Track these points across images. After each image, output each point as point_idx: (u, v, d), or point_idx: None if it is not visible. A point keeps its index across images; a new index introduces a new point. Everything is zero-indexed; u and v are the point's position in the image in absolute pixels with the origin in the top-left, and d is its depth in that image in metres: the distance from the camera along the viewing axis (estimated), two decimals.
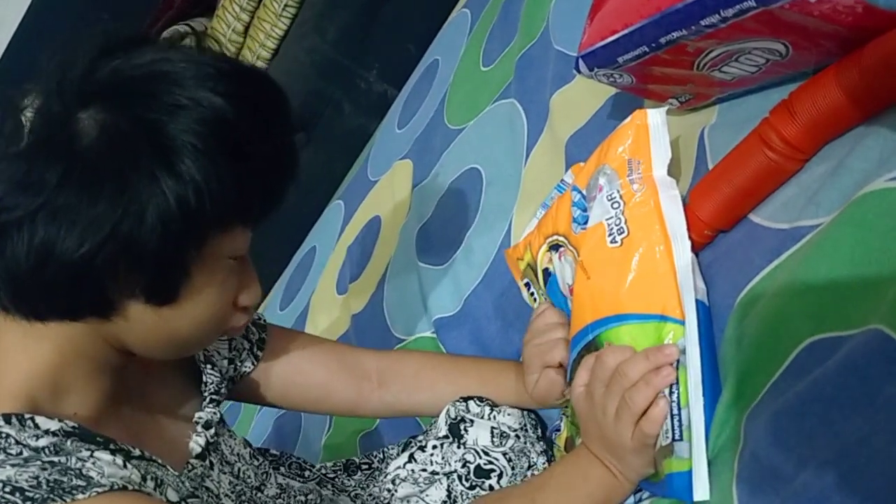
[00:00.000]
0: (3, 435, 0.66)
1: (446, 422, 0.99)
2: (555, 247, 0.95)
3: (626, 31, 0.83)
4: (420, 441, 1.03)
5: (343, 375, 1.02)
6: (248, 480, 0.89)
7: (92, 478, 0.66)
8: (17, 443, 0.66)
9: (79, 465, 0.67)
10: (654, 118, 0.87)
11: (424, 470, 0.99)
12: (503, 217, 1.26)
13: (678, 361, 0.75)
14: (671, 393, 0.74)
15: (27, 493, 0.63)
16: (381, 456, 1.08)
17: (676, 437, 0.72)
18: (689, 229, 0.81)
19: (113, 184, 0.65)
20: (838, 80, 0.70)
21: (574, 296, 0.88)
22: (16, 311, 0.70)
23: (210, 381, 0.90)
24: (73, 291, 0.68)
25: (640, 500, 0.80)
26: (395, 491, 0.99)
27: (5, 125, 0.68)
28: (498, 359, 1.08)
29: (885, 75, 0.67)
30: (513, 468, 0.97)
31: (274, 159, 0.74)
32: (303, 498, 0.99)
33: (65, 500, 0.63)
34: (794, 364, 0.65)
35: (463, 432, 0.98)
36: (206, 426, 0.87)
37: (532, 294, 1.04)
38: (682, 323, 0.76)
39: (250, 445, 0.95)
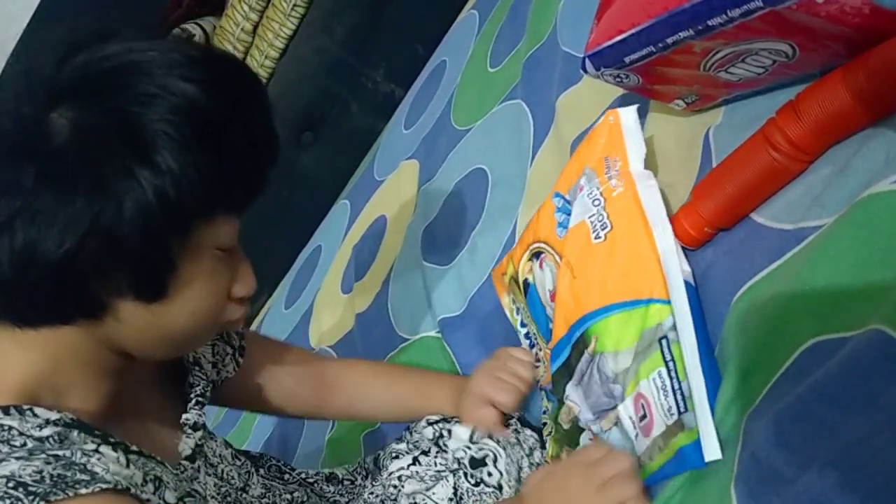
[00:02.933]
0: (6, 427, 0.66)
1: (432, 438, 1.02)
2: (536, 254, 0.96)
3: (633, 31, 0.83)
4: (397, 448, 1.05)
5: (307, 381, 1.05)
6: (233, 481, 0.89)
7: (96, 473, 0.66)
8: (21, 434, 0.66)
9: (84, 459, 0.67)
10: (627, 116, 0.90)
11: (429, 469, 0.99)
12: (508, 217, 1.26)
13: (668, 338, 0.76)
14: (669, 371, 0.75)
15: (30, 488, 0.62)
16: (364, 473, 1.09)
17: (682, 409, 0.74)
18: (687, 224, 0.81)
19: (88, 180, 0.63)
20: (845, 82, 0.70)
21: (557, 300, 0.89)
22: (5, 318, 0.70)
23: (196, 382, 0.89)
24: (58, 294, 0.67)
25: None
26: (402, 487, 0.99)
27: None
28: (438, 372, 1.13)
29: (891, 78, 0.67)
30: (504, 448, 0.97)
31: (251, 144, 0.72)
32: (289, 496, 0.99)
33: (67, 495, 0.63)
34: (795, 365, 0.65)
35: (445, 441, 1.01)
36: (195, 428, 0.86)
37: (517, 308, 1.04)
38: (668, 302, 0.78)
39: (231, 446, 0.95)
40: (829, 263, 0.66)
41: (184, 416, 0.86)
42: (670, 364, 0.76)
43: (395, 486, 1.00)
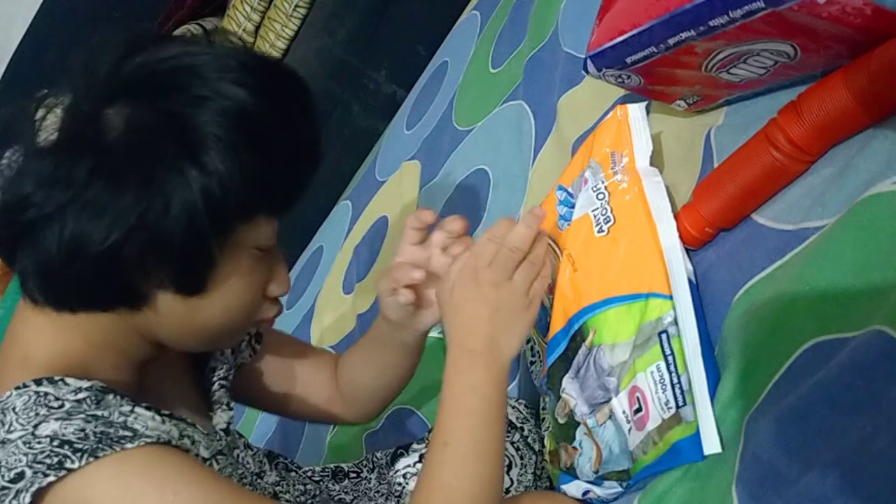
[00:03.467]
0: (41, 393, 0.67)
1: None
2: None
3: (634, 32, 0.83)
4: (415, 448, 1.04)
5: (321, 375, 1.04)
6: (248, 466, 0.90)
7: (137, 430, 0.68)
8: (57, 398, 0.67)
9: (122, 419, 0.68)
10: (635, 112, 0.89)
11: None
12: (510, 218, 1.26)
13: (668, 333, 0.77)
14: (668, 365, 0.75)
15: (76, 445, 0.63)
16: (371, 466, 1.09)
17: (680, 403, 0.74)
18: (688, 224, 0.82)
19: (139, 176, 0.66)
20: (846, 83, 0.70)
21: (556, 293, 0.89)
22: (46, 302, 0.71)
23: (219, 366, 0.91)
24: (102, 283, 0.69)
25: (631, 485, 0.80)
26: (407, 484, 1.00)
27: (33, 124, 0.70)
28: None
29: (893, 79, 0.67)
30: (522, 458, 0.97)
31: (296, 150, 0.74)
32: (301, 487, 0.99)
33: (114, 450, 0.64)
34: (796, 365, 0.65)
35: None
36: (229, 406, 0.88)
37: None
38: (669, 297, 0.78)
39: (243, 436, 0.96)
40: (830, 264, 0.66)
41: (216, 393, 0.89)
42: (669, 358, 0.76)
43: (399, 484, 1.00)
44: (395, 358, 0.97)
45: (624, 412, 0.79)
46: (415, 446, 1.06)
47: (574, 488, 0.86)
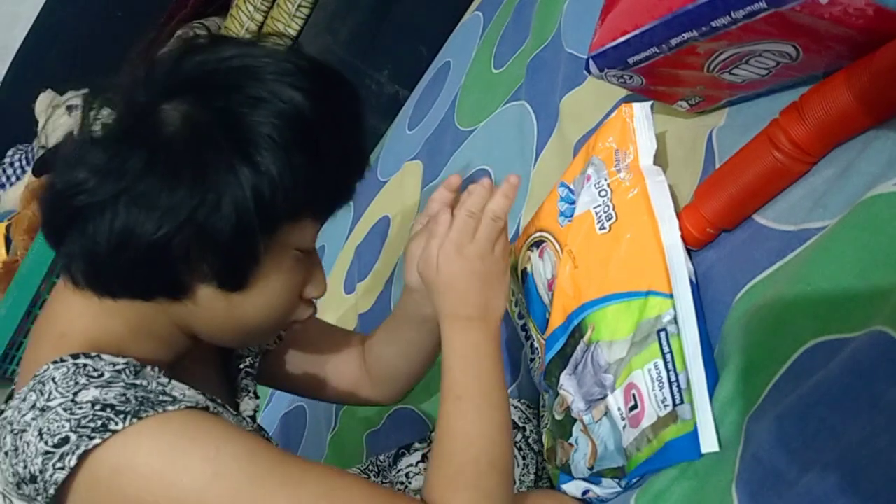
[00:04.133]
0: (80, 364, 0.68)
1: None
2: (536, 244, 0.97)
3: (636, 32, 0.83)
4: (417, 447, 1.05)
5: (348, 355, 1.05)
6: None
7: (176, 396, 0.69)
8: (96, 369, 0.68)
9: (160, 388, 0.70)
10: (639, 111, 0.90)
11: None
12: (512, 218, 1.25)
13: (667, 331, 0.77)
14: (666, 363, 0.76)
15: (118, 408, 0.65)
16: (376, 470, 1.09)
17: (677, 401, 0.74)
18: (689, 224, 0.82)
19: (193, 172, 0.67)
20: (849, 84, 0.70)
21: (556, 289, 0.89)
22: (90, 287, 0.72)
23: (245, 354, 0.93)
24: (148, 273, 0.71)
25: (630, 484, 0.80)
26: (409, 483, 1.00)
27: (90, 113, 0.71)
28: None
29: (895, 80, 0.67)
30: (524, 458, 0.97)
31: (345, 155, 0.75)
32: None
33: (157, 411, 0.65)
34: (796, 365, 0.65)
35: None
36: (256, 395, 0.90)
37: (515, 300, 1.04)
38: (668, 296, 0.79)
39: (264, 429, 0.96)
40: (830, 265, 0.66)
41: (243, 381, 0.90)
42: (668, 356, 0.76)
43: (402, 483, 1.00)
44: (418, 335, 0.98)
45: (619, 409, 0.80)
46: (416, 445, 1.06)
47: (574, 487, 0.86)
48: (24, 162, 2.57)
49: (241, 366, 0.92)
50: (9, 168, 2.59)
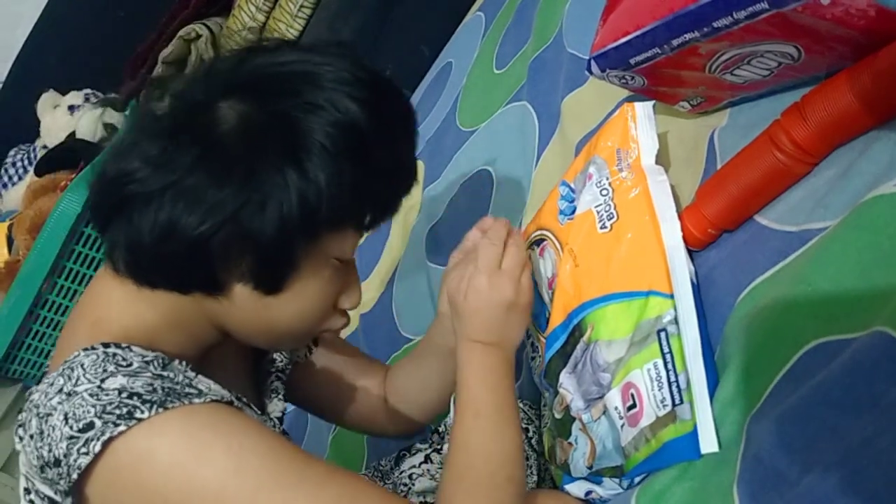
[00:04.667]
0: (110, 353, 0.69)
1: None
2: (537, 242, 0.97)
3: (638, 33, 0.83)
4: (419, 448, 1.05)
5: (370, 382, 1.05)
6: None
7: (202, 389, 0.70)
8: (125, 359, 0.69)
9: (186, 380, 0.70)
10: (642, 110, 0.90)
11: (441, 467, 0.99)
12: (513, 219, 1.26)
13: (667, 331, 0.77)
14: (666, 363, 0.76)
15: (144, 397, 0.65)
16: (380, 475, 1.09)
17: (677, 402, 0.74)
18: (691, 224, 0.82)
19: (242, 171, 0.68)
20: (850, 85, 0.70)
21: (557, 287, 0.89)
22: (130, 276, 0.73)
23: (278, 359, 0.94)
24: (186, 267, 0.71)
25: (632, 484, 0.80)
26: (413, 485, 1.00)
27: (147, 106, 0.72)
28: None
29: None
30: (527, 459, 0.97)
31: (395, 169, 0.76)
32: None
33: (183, 403, 0.66)
34: (798, 366, 0.65)
35: None
36: (285, 399, 0.91)
37: None
38: (669, 296, 0.79)
39: (287, 434, 0.97)
40: (832, 265, 0.66)
41: (273, 384, 0.91)
42: (668, 356, 0.76)
43: (405, 484, 1.00)
44: (441, 366, 0.99)
45: (616, 408, 0.80)
46: (418, 446, 1.06)
47: (576, 488, 0.86)
48: (25, 162, 2.57)
49: (272, 369, 0.93)
50: (10, 168, 2.59)
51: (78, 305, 0.79)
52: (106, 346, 0.70)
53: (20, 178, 2.54)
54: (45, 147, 2.51)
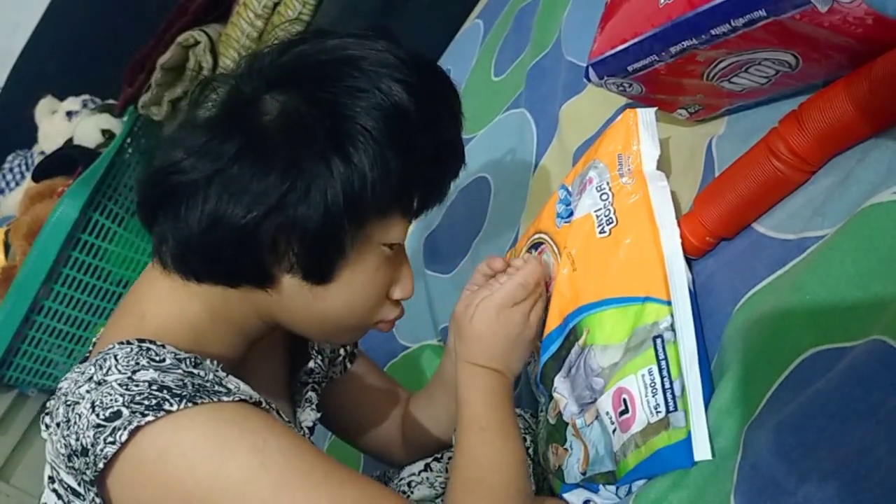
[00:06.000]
0: (144, 347, 0.69)
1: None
2: (535, 245, 0.96)
3: (636, 40, 0.83)
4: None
5: (392, 411, 1.06)
6: None
7: (231, 388, 0.69)
8: (158, 355, 0.69)
9: (217, 379, 0.70)
10: (644, 117, 0.89)
11: (440, 476, 0.99)
12: (511, 225, 1.26)
13: (663, 338, 0.77)
14: (661, 370, 0.75)
15: (174, 391, 0.65)
16: (383, 482, 1.09)
17: (671, 408, 0.74)
18: (689, 232, 0.82)
19: (285, 159, 0.67)
20: (848, 93, 0.70)
21: (554, 291, 0.89)
22: (177, 270, 0.73)
23: (318, 370, 0.93)
24: (234, 258, 0.71)
25: (630, 492, 0.80)
26: (412, 493, 0.99)
27: (194, 101, 0.73)
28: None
29: (894, 89, 0.67)
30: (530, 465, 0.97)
31: (440, 152, 0.75)
32: None
33: (212, 400, 0.66)
34: (795, 374, 0.65)
35: None
36: (318, 408, 0.91)
37: None
38: (666, 303, 0.78)
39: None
40: (830, 273, 0.65)
41: (308, 393, 0.91)
42: (663, 363, 0.76)
43: (403, 492, 1.00)
44: (451, 400, 0.97)
45: (608, 413, 0.80)
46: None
47: (575, 497, 0.86)
48: (23, 167, 2.57)
49: (309, 380, 0.92)
50: (8, 173, 2.58)
51: (124, 301, 0.79)
52: (141, 341, 0.70)
53: (17, 184, 2.54)
54: (42, 153, 2.51)
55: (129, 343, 0.69)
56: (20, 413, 2.04)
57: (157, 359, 0.68)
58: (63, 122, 2.46)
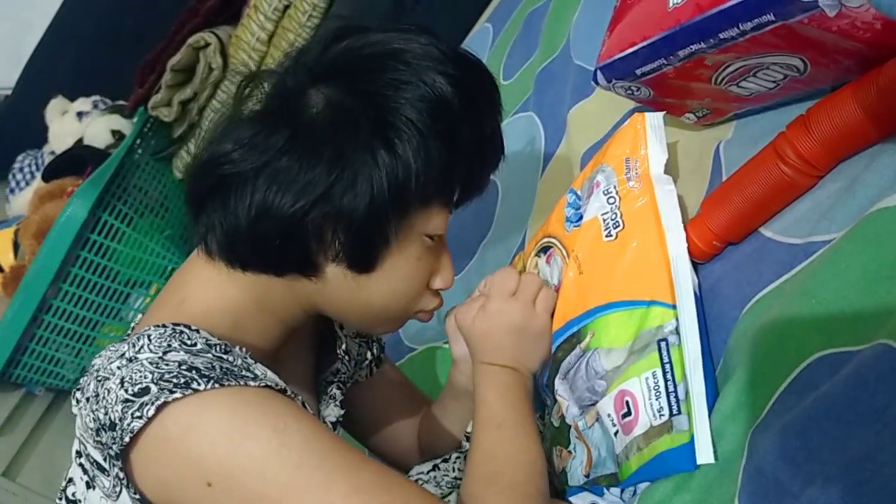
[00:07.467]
0: (178, 330, 0.70)
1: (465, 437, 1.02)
2: (543, 250, 0.97)
3: (644, 44, 0.83)
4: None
5: (411, 420, 1.06)
6: None
7: (257, 374, 0.71)
8: (190, 339, 0.70)
9: (245, 364, 0.71)
10: (652, 120, 0.90)
11: (447, 475, 0.99)
12: (518, 228, 1.26)
13: (668, 342, 0.77)
14: (665, 373, 0.76)
15: (203, 372, 0.66)
16: None
17: (674, 412, 0.74)
18: (696, 237, 0.82)
19: (331, 150, 0.69)
20: (856, 98, 0.70)
21: (560, 294, 0.89)
22: (223, 258, 0.75)
23: (344, 371, 0.94)
24: (281, 247, 0.72)
25: (634, 495, 0.80)
26: None
27: (241, 96, 0.75)
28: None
29: None
30: None
31: (482, 143, 0.77)
32: None
33: (239, 383, 0.67)
34: (801, 378, 0.65)
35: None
36: (342, 405, 0.91)
37: None
38: (671, 307, 0.79)
39: None
40: (836, 278, 0.65)
41: (333, 391, 0.92)
42: (667, 366, 0.76)
43: None
44: (460, 410, 1.00)
45: (609, 415, 0.80)
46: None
47: (580, 500, 0.86)
48: (33, 167, 2.58)
49: (335, 379, 0.93)
50: (18, 173, 2.59)
51: (166, 287, 0.80)
52: (176, 325, 0.71)
53: (27, 184, 2.55)
54: (52, 153, 2.52)
55: (164, 326, 0.70)
56: (27, 412, 2.04)
57: (189, 342, 0.69)
58: (73, 122, 2.47)
